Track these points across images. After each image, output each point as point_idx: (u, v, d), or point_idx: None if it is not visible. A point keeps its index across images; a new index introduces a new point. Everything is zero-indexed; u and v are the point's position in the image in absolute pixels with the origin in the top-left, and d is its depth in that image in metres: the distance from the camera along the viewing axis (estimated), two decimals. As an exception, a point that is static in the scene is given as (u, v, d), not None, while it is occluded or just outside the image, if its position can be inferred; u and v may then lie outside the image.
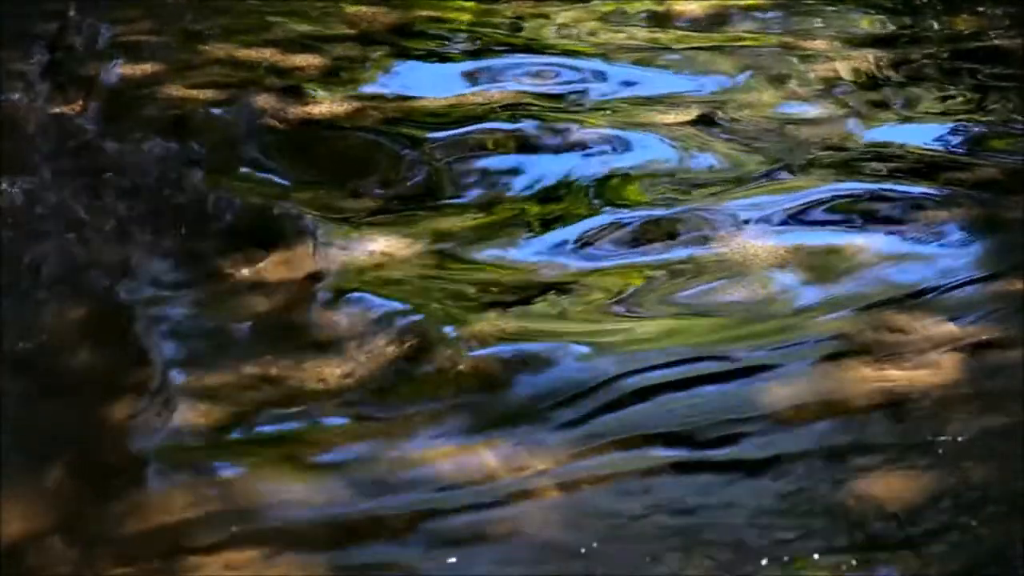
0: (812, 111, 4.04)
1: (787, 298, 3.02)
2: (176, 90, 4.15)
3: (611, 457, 2.49)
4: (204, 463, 2.51)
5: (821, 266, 3.14)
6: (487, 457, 2.49)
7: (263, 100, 4.07)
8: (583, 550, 2.26)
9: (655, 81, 4.29)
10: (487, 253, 3.27)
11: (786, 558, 2.22)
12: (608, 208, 3.46)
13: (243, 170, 3.70)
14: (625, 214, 3.42)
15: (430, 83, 4.26)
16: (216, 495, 2.42)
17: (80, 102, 4.06)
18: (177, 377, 2.76)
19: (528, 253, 3.27)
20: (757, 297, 3.03)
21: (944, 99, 4.14)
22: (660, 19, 4.90)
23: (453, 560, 2.26)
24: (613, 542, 2.27)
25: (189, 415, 2.64)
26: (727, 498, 2.36)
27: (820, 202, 3.44)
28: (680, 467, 2.47)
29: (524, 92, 4.19)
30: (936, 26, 4.78)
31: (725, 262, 3.17)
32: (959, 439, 2.48)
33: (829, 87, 4.22)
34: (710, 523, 2.31)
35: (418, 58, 4.51)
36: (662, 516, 2.33)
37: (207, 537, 2.31)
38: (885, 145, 3.81)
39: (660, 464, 2.47)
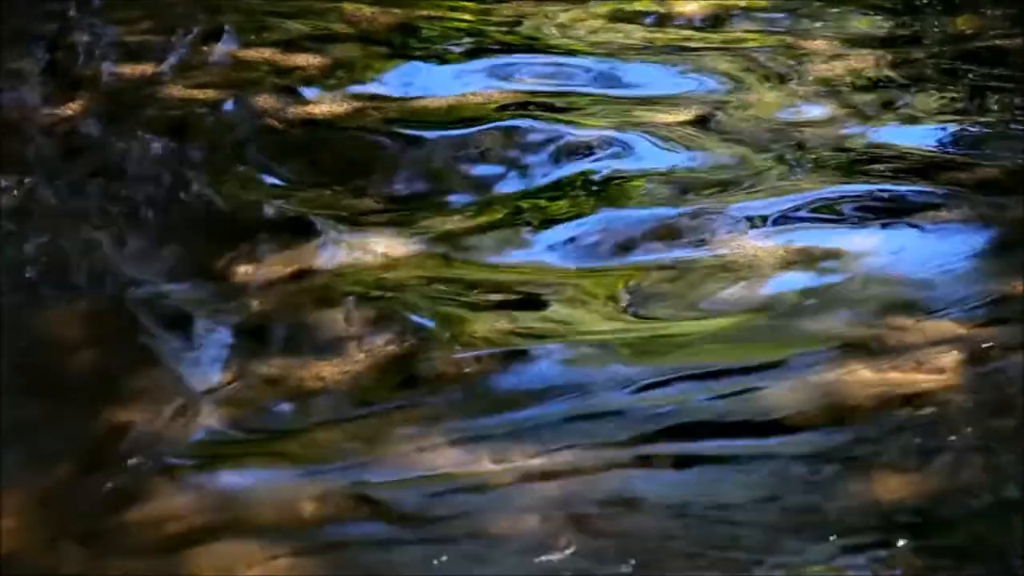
0: (812, 111, 4.04)
1: (788, 299, 3.02)
2: (176, 90, 4.15)
3: (611, 457, 2.49)
4: (204, 463, 2.52)
5: (821, 267, 3.14)
6: (486, 457, 2.49)
7: (263, 100, 4.07)
8: (582, 549, 2.25)
9: (655, 81, 4.29)
10: (487, 253, 3.27)
11: (786, 559, 2.22)
12: (608, 208, 3.46)
13: (243, 170, 3.70)
14: (625, 214, 3.42)
15: (430, 83, 4.26)
16: (215, 494, 2.42)
17: (80, 102, 4.06)
18: (177, 377, 2.76)
19: (527, 253, 3.27)
20: (757, 297, 3.03)
21: (944, 99, 4.14)
22: (660, 19, 4.89)
23: (451, 559, 2.26)
24: (612, 542, 2.27)
25: (189, 415, 2.64)
26: (727, 499, 2.36)
27: (821, 202, 3.44)
28: (680, 468, 2.47)
29: (524, 92, 4.19)
30: (936, 26, 4.78)
31: (725, 263, 3.16)
32: (960, 440, 2.48)
33: (829, 87, 4.22)
34: (710, 524, 2.31)
35: (418, 58, 4.50)
36: (661, 517, 2.33)
37: (206, 536, 2.31)
38: (885, 145, 3.81)
39: (660, 464, 2.47)
